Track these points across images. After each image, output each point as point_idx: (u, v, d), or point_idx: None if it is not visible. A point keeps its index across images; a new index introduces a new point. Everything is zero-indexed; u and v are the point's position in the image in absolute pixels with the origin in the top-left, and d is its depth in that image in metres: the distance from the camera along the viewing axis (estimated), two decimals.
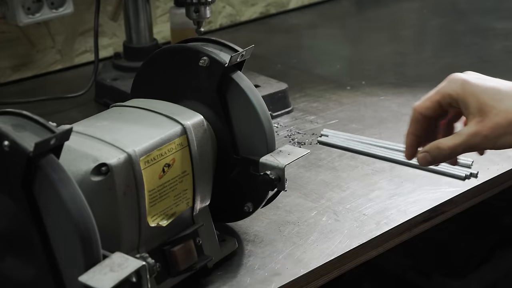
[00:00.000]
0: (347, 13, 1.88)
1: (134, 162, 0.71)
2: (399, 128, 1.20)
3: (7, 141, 0.61)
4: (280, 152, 0.83)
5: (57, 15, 1.36)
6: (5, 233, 0.66)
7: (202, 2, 1.18)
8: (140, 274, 0.62)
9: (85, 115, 0.84)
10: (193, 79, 0.85)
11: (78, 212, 0.61)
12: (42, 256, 0.64)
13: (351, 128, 1.20)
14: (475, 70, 0.81)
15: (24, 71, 1.44)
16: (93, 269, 0.61)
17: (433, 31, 1.75)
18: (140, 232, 0.74)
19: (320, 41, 1.69)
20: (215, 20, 1.70)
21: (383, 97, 1.33)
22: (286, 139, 1.18)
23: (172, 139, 0.76)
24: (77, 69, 1.50)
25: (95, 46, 1.33)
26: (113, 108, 0.83)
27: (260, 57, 1.49)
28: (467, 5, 1.87)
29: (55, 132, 0.62)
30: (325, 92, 1.36)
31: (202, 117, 0.80)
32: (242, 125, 0.84)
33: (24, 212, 0.63)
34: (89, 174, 0.69)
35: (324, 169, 1.08)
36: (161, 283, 0.77)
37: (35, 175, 0.62)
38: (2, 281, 0.68)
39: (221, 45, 0.86)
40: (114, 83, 1.30)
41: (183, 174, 0.77)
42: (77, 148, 0.71)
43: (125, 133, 0.75)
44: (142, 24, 1.33)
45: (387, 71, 1.47)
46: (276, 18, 1.81)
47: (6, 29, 1.39)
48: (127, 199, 0.71)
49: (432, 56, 1.58)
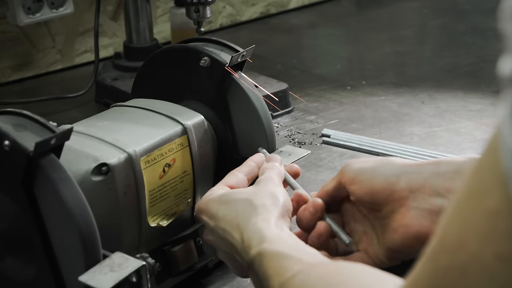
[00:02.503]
0: (347, 13, 1.88)
1: (134, 162, 0.71)
2: (399, 128, 1.20)
3: (7, 141, 0.61)
4: (281, 152, 0.83)
5: (57, 15, 1.36)
6: (6, 233, 0.66)
7: (202, 2, 1.18)
8: (140, 274, 0.62)
9: (85, 115, 0.84)
10: (194, 79, 0.85)
11: (78, 212, 0.61)
12: (42, 256, 0.64)
13: (351, 128, 1.21)
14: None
15: (24, 71, 1.44)
16: (93, 269, 0.61)
17: (433, 31, 1.75)
18: (141, 232, 0.74)
19: (320, 41, 1.69)
20: (216, 20, 1.70)
21: (383, 97, 1.33)
22: (286, 139, 1.18)
23: (173, 139, 0.76)
24: (77, 69, 1.50)
25: (95, 46, 1.33)
26: (113, 108, 0.83)
27: (260, 57, 1.49)
28: (468, 5, 1.87)
29: (56, 132, 0.62)
30: (325, 92, 1.36)
31: (203, 117, 0.80)
32: (243, 125, 0.84)
33: (25, 212, 0.63)
34: (90, 174, 0.69)
35: (324, 169, 1.08)
36: (161, 283, 0.77)
37: (35, 175, 0.61)
38: (2, 281, 0.68)
39: (222, 45, 0.86)
40: (114, 83, 1.30)
41: (183, 174, 0.77)
42: (78, 148, 0.71)
43: (126, 133, 0.75)
44: (142, 24, 1.33)
45: (387, 71, 1.47)
46: (276, 18, 1.81)
47: (6, 29, 1.39)
48: (127, 199, 0.71)
49: (432, 56, 1.58)
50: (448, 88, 1.35)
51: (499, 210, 0.36)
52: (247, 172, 0.76)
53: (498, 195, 0.36)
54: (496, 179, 0.36)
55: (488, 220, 0.36)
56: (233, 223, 0.67)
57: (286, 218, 0.68)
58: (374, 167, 0.71)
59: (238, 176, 0.75)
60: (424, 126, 1.20)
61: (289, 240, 0.64)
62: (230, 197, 0.70)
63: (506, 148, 0.35)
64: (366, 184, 0.70)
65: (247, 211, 0.67)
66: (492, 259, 0.36)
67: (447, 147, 1.13)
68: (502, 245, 0.35)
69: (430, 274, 0.40)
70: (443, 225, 0.40)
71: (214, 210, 0.70)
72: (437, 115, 1.24)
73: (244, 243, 0.65)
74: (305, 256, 0.60)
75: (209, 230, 0.71)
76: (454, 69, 1.45)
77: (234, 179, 0.75)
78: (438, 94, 1.33)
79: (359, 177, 0.71)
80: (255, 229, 0.64)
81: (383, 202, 0.70)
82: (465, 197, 0.38)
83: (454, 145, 1.14)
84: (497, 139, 0.36)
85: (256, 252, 0.62)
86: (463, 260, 0.37)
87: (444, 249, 0.39)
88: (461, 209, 0.38)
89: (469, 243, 0.37)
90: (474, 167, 0.38)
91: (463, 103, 1.28)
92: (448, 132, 1.18)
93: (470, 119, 1.23)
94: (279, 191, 0.70)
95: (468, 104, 1.28)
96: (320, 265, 0.59)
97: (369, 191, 0.70)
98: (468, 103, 1.28)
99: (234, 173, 0.76)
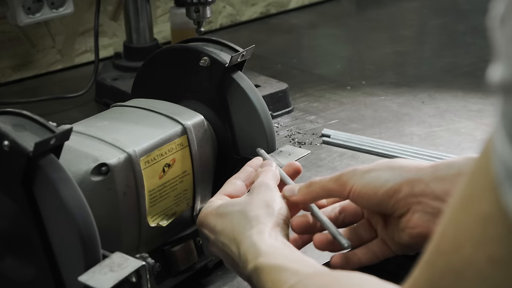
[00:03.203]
0: (347, 13, 1.88)
1: (134, 162, 0.71)
2: (399, 128, 1.20)
3: (7, 141, 0.61)
4: (281, 152, 0.83)
5: (57, 15, 1.36)
6: (5, 233, 0.66)
7: (202, 2, 1.18)
8: (140, 274, 0.62)
9: (85, 115, 0.84)
10: (194, 79, 0.85)
11: (78, 212, 0.61)
12: (42, 256, 0.64)
13: (351, 128, 1.20)
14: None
15: (24, 71, 1.44)
16: (93, 269, 0.61)
17: (433, 31, 1.75)
18: (140, 232, 0.74)
19: (320, 41, 1.69)
20: (215, 20, 1.70)
21: (383, 97, 1.33)
22: (286, 139, 1.18)
23: (173, 139, 0.76)
24: (77, 69, 1.50)
25: (95, 46, 1.33)
26: (113, 108, 0.83)
27: (260, 57, 1.49)
28: (468, 5, 1.87)
29: (55, 132, 0.62)
30: (325, 92, 1.36)
31: (203, 117, 0.80)
32: (243, 125, 0.84)
33: (24, 212, 0.63)
34: (89, 174, 0.69)
35: (324, 169, 1.08)
36: (161, 283, 0.77)
37: (35, 175, 0.61)
38: (2, 281, 0.68)
39: (222, 45, 0.86)
40: (114, 83, 1.30)
41: (183, 174, 0.77)
42: (77, 148, 0.71)
43: (125, 133, 0.75)
44: (142, 24, 1.33)
45: (387, 71, 1.47)
46: (276, 18, 1.81)
47: (6, 29, 1.39)
48: (127, 199, 0.71)
49: (432, 56, 1.58)
50: (448, 88, 1.35)
51: (490, 215, 0.36)
52: (245, 178, 0.77)
53: (489, 201, 0.36)
54: (488, 185, 0.36)
55: (480, 224, 0.37)
56: (230, 236, 0.68)
57: (282, 226, 0.69)
58: (375, 177, 0.71)
59: (236, 184, 0.76)
60: (424, 126, 1.20)
61: (285, 250, 0.64)
62: (227, 209, 0.70)
63: (496, 153, 0.36)
64: (371, 197, 0.71)
65: (242, 224, 0.68)
66: (485, 263, 0.36)
67: (447, 147, 1.13)
68: (494, 249, 0.36)
69: (427, 278, 0.41)
70: (439, 230, 0.40)
71: (213, 223, 0.71)
72: (437, 115, 1.24)
73: (241, 257, 0.66)
74: (301, 266, 0.61)
75: (211, 243, 0.72)
76: (454, 69, 1.45)
77: (232, 187, 0.75)
78: (438, 94, 1.33)
79: (363, 190, 0.71)
80: (250, 243, 0.65)
81: (390, 209, 0.71)
82: (460, 202, 0.39)
83: (454, 145, 1.14)
84: (490, 145, 0.36)
85: (253, 267, 0.63)
86: (458, 264, 0.38)
87: (440, 254, 0.40)
88: (456, 214, 0.39)
89: (463, 247, 0.38)
90: (469, 173, 0.39)
91: (463, 103, 1.28)
92: (448, 132, 1.18)
93: (470, 119, 1.22)
94: (273, 198, 0.70)
95: (468, 104, 1.28)
96: (317, 275, 0.59)
97: (376, 203, 0.71)
98: (468, 103, 1.28)
99: (232, 181, 0.76)
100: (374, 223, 0.75)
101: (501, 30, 0.35)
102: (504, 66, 0.35)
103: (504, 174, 0.35)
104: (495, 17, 0.35)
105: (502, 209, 0.35)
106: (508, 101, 0.34)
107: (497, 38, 0.35)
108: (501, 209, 0.35)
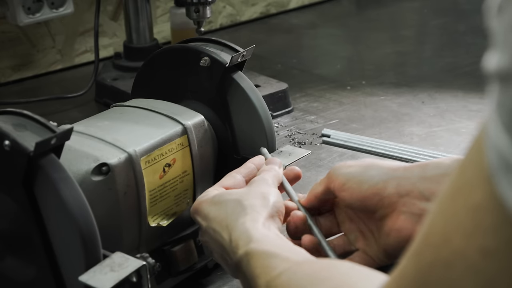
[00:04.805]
0: (347, 13, 1.88)
1: (134, 162, 0.71)
2: (399, 128, 1.20)
3: (7, 141, 0.61)
4: (281, 152, 0.83)
5: (57, 15, 1.36)
6: (6, 233, 0.66)
7: (202, 2, 1.18)
8: (141, 274, 0.62)
9: (85, 115, 0.84)
10: (194, 79, 0.85)
11: (78, 212, 0.61)
12: (43, 255, 0.64)
13: (351, 128, 1.21)
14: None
15: (24, 71, 1.44)
16: (93, 269, 0.61)
17: (433, 31, 1.75)
18: (141, 232, 0.74)
19: (320, 41, 1.69)
20: (215, 20, 1.70)
21: (383, 97, 1.33)
22: (286, 139, 1.18)
23: (173, 139, 0.76)
24: (77, 69, 1.50)
25: (95, 46, 1.33)
26: (113, 108, 0.83)
27: (260, 57, 1.49)
28: (468, 5, 1.87)
29: (56, 131, 0.62)
30: (325, 92, 1.36)
31: (203, 117, 0.80)
32: (243, 125, 0.84)
33: (25, 211, 0.63)
34: (90, 174, 0.69)
35: (324, 169, 1.08)
36: (161, 283, 0.77)
37: (35, 175, 0.62)
38: (2, 281, 0.68)
39: (222, 45, 0.86)
40: (114, 83, 1.30)
41: (183, 174, 0.77)
42: (78, 148, 0.71)
43: (126, 133, 0.75)
44: (142, 24, 1.33)
45: (388, 71, 1.47)
46: (276, 18, 1.81)
47: (6, 29, 1.39)
48: (127, 199, 0.71)
49: (432, 56, 1.58)
50: (448, 88, 1.35)
51: (483, 205, 0.36)
52: (245, 173, 0.76)
53: (482, 191, 0.36)
54: (480, 175, 0.36)
55: (472, 215, 0.36)
56: (223, 223, 0.68)
57: (276, 219, 0.68)
58: (361, 172, 0.71)
59: (235, 177, 0.75)
60: (424, 126, 1.20)
61: (276, 239, 0.64)
62: (222, 198, 0.70)
63: (490, 143, 0.35)
64: (355, 191, 0.70)
65: (236, 212, 0.67)
66: (477, 255, 0.36)
67: (447, 147, 1.13)
68: (486, 240, 0.35)
69: (414, 269, 0.40)
70: (428, 222, 0.40)
71: (206, 211, 0.70)
72: (437, 115, 1.24)
73: (232, 243, 0.65)
74: (292, 254, 0.61)
75: (203, 231, 0.71)
76: (454, 69, 1.45)
77: (230, 181, 0.75)
78: (438, 94, 1.33)
79: (348, 184, 0.71)
80: (243, 229, 0.65)
81: (373, 207, 0.70)
82: (450, 194, 0.38)
83: (454, 145, 1.14)
84: (482, 135, 0.36)
85: (243, 252, 0.63)
86: (447, 255, 0.37)
87: (428, 245, 0.39)
88: (446, 206, 0.38)
89: (453, 238, 0.37)
90: (459, 164, 0.38)
91: (463, 103, 1.28)
92: (448, 132, 1.18)
93: (470, 119, 1.22)
94: (270, 192, 0.70)
95: (468, 104, 1.28)
96: (307, 262, 0.59)
97: (359, 198, 0.71)
98: (468, 103, 1.28)
99: (231, 174, 0.76)
100: (353, 239, 0.74)
101: (498, 18, 0.34)
102: (500, 54, 0.34)
103: (498, 163, 0.34)
104: (491, 6, 0.35)
105: (495, 199, 0.35)
106: (504, 90, 0.34)
107: (494, 26, 0.35)
108: (494, 199, 0.35)
